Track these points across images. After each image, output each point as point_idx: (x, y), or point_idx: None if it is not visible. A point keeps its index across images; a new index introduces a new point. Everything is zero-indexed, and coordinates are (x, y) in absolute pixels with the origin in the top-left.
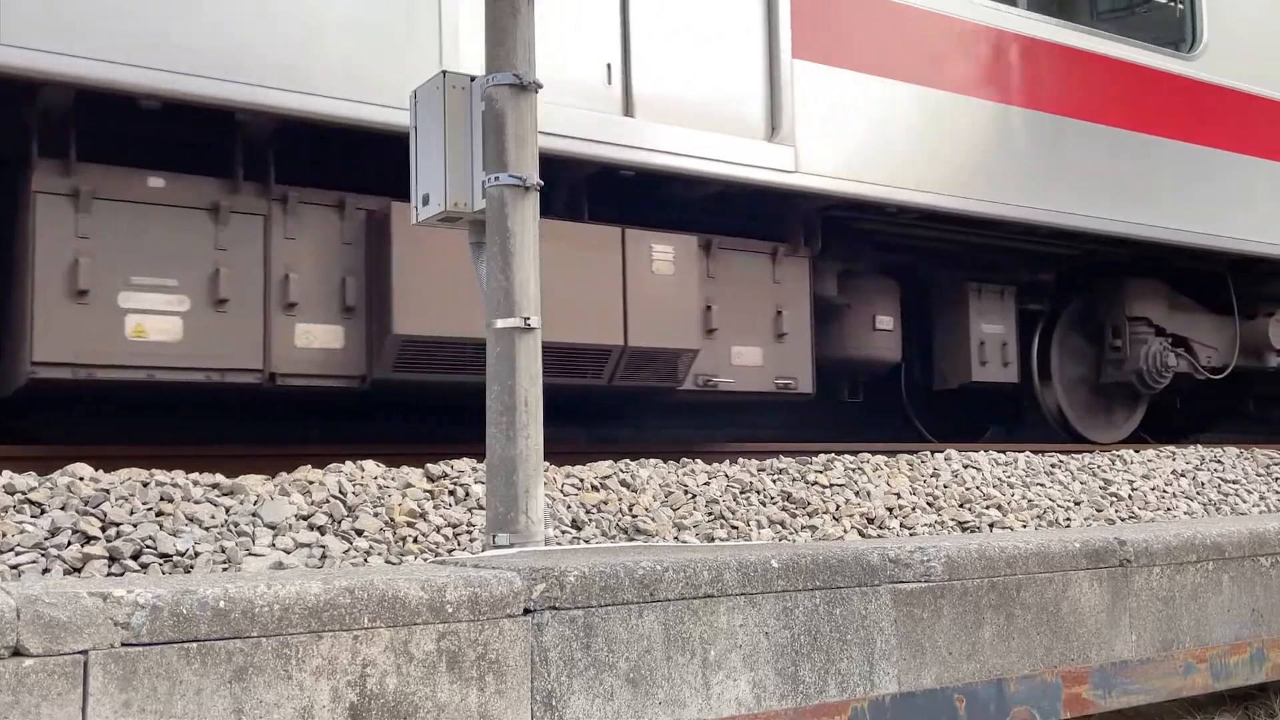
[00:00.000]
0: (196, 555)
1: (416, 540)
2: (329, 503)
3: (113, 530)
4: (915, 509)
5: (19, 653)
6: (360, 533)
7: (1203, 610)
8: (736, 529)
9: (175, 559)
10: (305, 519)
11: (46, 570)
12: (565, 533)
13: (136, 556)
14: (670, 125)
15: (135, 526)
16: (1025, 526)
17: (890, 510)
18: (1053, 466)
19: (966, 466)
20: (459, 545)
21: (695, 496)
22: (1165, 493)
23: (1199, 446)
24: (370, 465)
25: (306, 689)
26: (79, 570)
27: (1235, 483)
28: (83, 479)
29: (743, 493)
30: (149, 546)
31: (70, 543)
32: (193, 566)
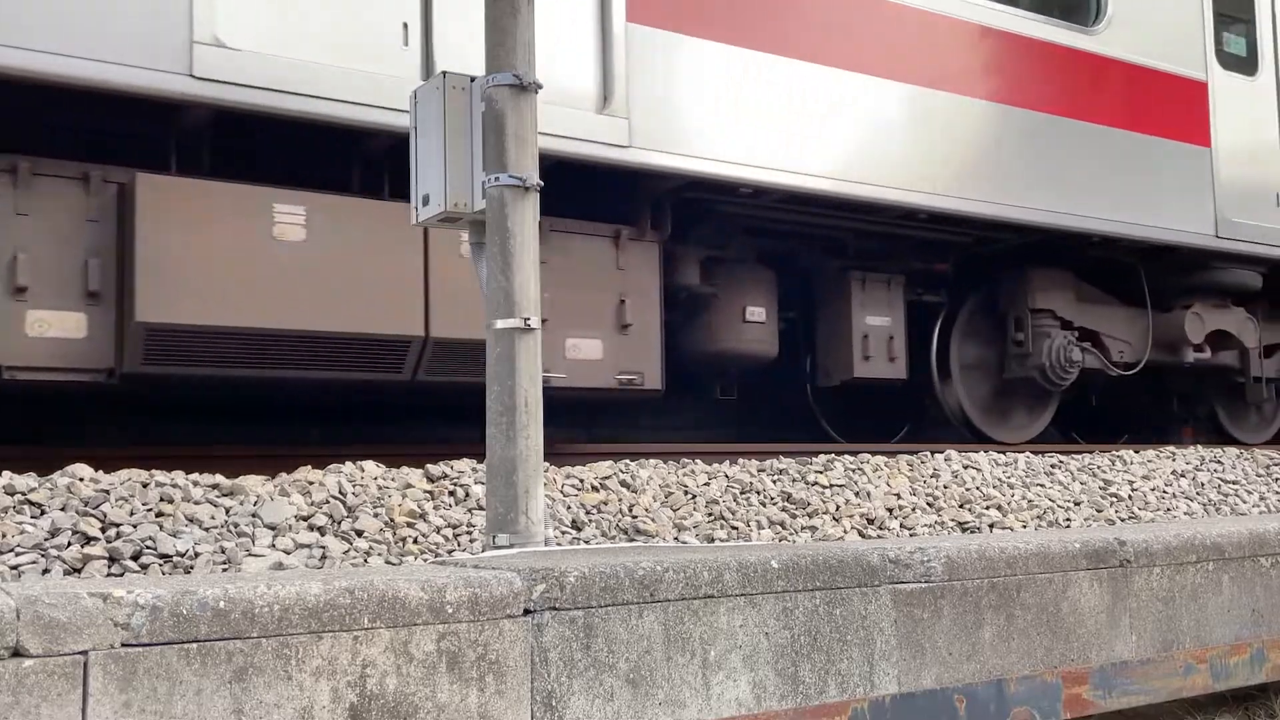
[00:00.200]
0: (196, 556)
1: (416, 541)
2: (329, 503)
3: (113, 531)
4: (915, 509)
5: (19, 653)
6: (360, 533)
7: (1203, 611)
8: (736, 529)
9: (175, 559)
10: (305, 519)
11: (46, 571)
12: (565, 533)
13: (136, 557)
14: None
15: (135, 527)
16: (1025, 527)
17: (890, 511)
18: (1053, 467)
19: (966, 467)
20: (459, 546)
21: (695, 497)
22: (1165, 493)
23: (1199, 447)
24: (370, 466)
25: (306, 689)
26: (79, 571)
27: (1235, 483)
28: (83, 479)
29: (743, 493)
30: (149, 547)
31: (70, 543)
32: (193, 567)
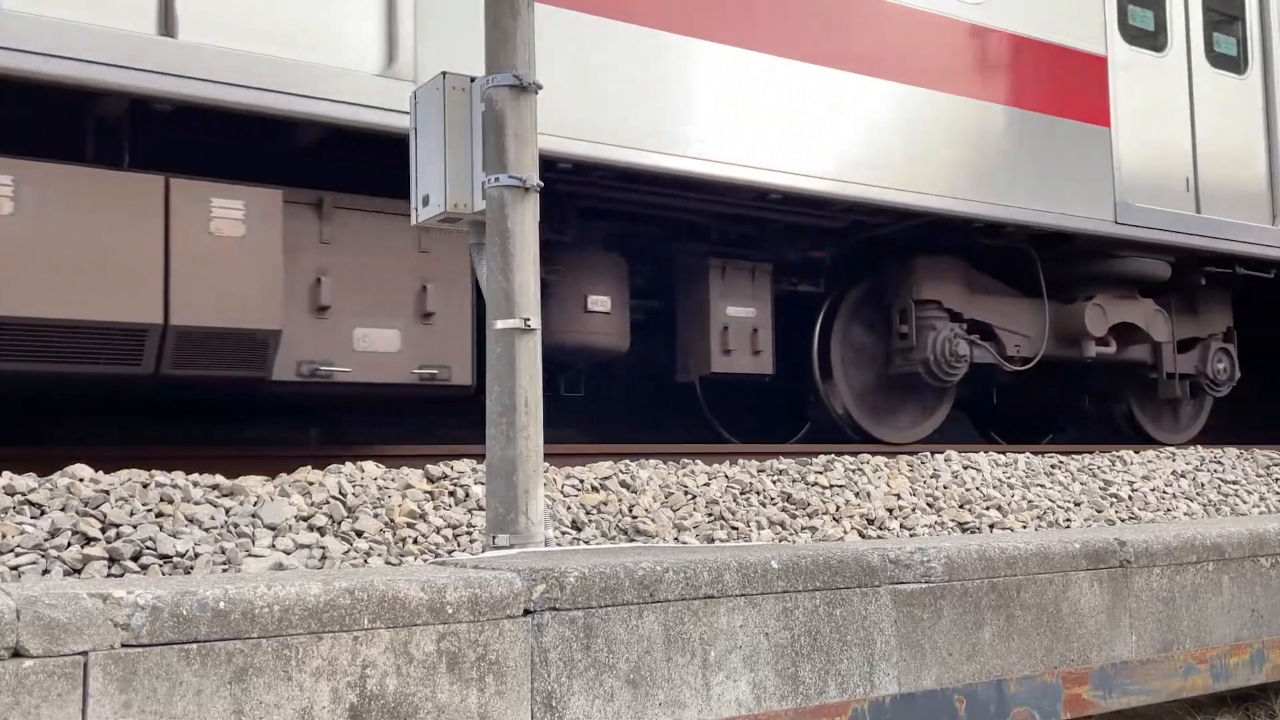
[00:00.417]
0: (196, 556)
1: (416, 541)
2: (329, 504)
3: (113, 531)
4: (915, 510)
5: (19, 654)
6: (360, 534)
7: (1203, 611)
8: (736, 530)
9: (175, 560)
10: (305, 520)
11: (46, 571)
12: (565, 533)
13: (136, 557)
14: (232, 46)
15: (135, 527)
16: (1025, 527)
17: (890, 511)
18: (1053, 467)
19: (966, 467)
20: (459, 546)
21: (695, 497)
22: (1165, 493)
23: (1198, 447)
24: (370, 466)
25: (306, 690)
26: (79, 571)
27: (1235, 483)
28: (83, 480)
29: (743, 493)
30: (149, 547)
31: (70, 544)
32: (193, 567)
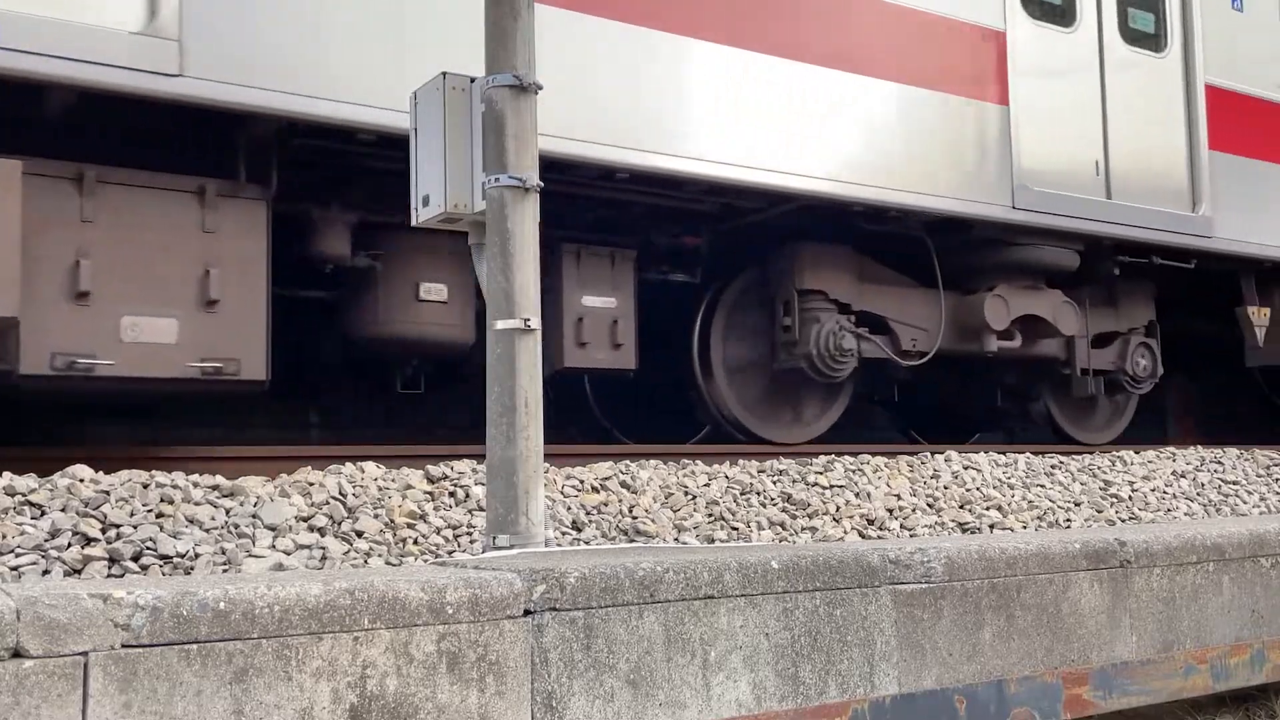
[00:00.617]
0: (197, 557)
1: (417, 542)
2: (329, 504)
3: (113, 532)
4: (915, 510)
5: (19, 654)
6: (360, 534)
7: (1203, 611)
8: (737, 530)
9: (175, 560)
10: (305, 520)
11: (47, 572)
12: (565, 534)
13: (137, 558)
14: None
15: (135, 528)
16: (1025, 527)
17: (890, 511)
18: (1053, 468)
19: (967, 468)
20: (459, 547)
21: (695, 498)
22: (1165, 494)
23: (1199, 447)
24: (370, 467)
25: (307, 690)
26: (79, 572)
27: (1235, 484)
28: (83, 480)
29: (743, 494)
30: (149, 548)
31: (70, 544)
32: (193, 568)
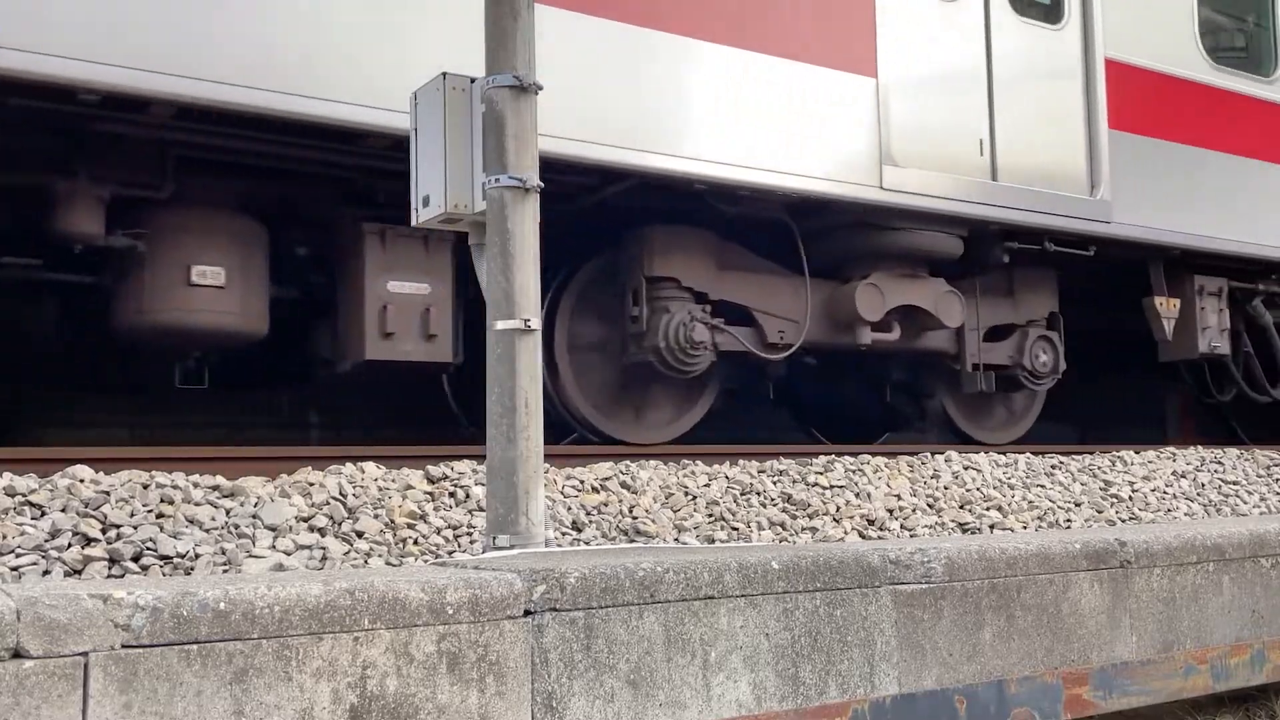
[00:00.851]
0: (197, 557)
1: (417, 542)
2: (329, 504)
3: (113, 532)
4: (916, 510)
5: (19, 654)
6: (361, 534)
7: (1203, 611)
8: (737, 530)
9: (176, 561)
10: (306, 521)
11: (47, 572)
12: (565, 534)
13: (137, 558)
14: None
15: (135, 528)
16: (1026, 528)
17: (891, 512)
18: (1053, 468)
19: (967, 468)
20: (459, 547)
21: (695, 498)
22: (1166, 494)
23: (1199, 448)
24: (370, 467)
25: (307, 690)
26: (79, 572)
27: (1236, 484)
28: (83, 481)
29: (743, 494)
30: (149, 548)
31: (71, 545)
32: (193, 568)
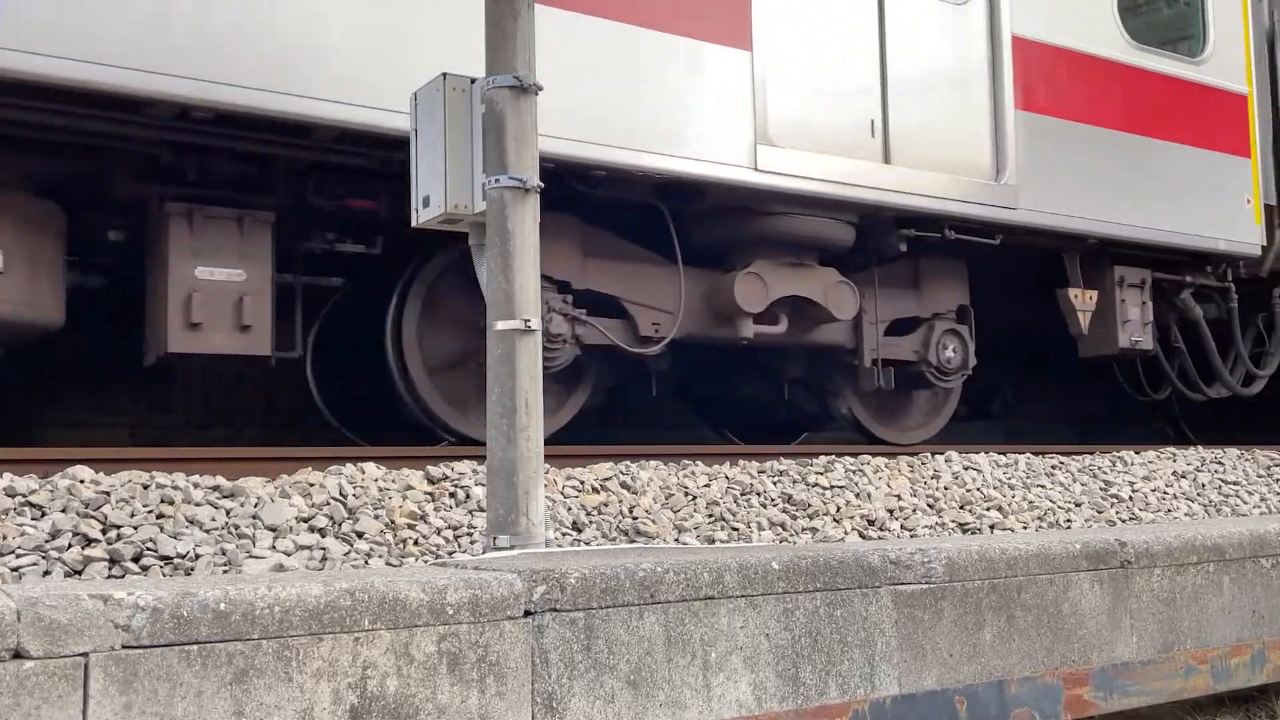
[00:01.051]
0: (197, 557)
1: (417, 542)
2: (329, 505)
3: (113, 533)
4: (916, 511)
5: (19, 655)
6: (361, 535)
7: (1203, 612)
8: (737, 531)
9: (176, 561)
10: (306, 521)
11: (47, 573)
12: (566, 535)
13: (137, 559)
14: None
15: (136, 529)
16: (1026, 528)
17: (891, 512)
18: (1053, 468)
19: (967, 468)
20: (459, 547)
21: (696, 498)
22: (1166, 494)
23: (1199, 448)
24: (371, 467)
25: (307, 691)
26: (79, 573)
27: (1236, 484)
28: (83, 481)
29: (743, 494)
30: (150, 549)
31: (71, 545)
32: (193, 569)
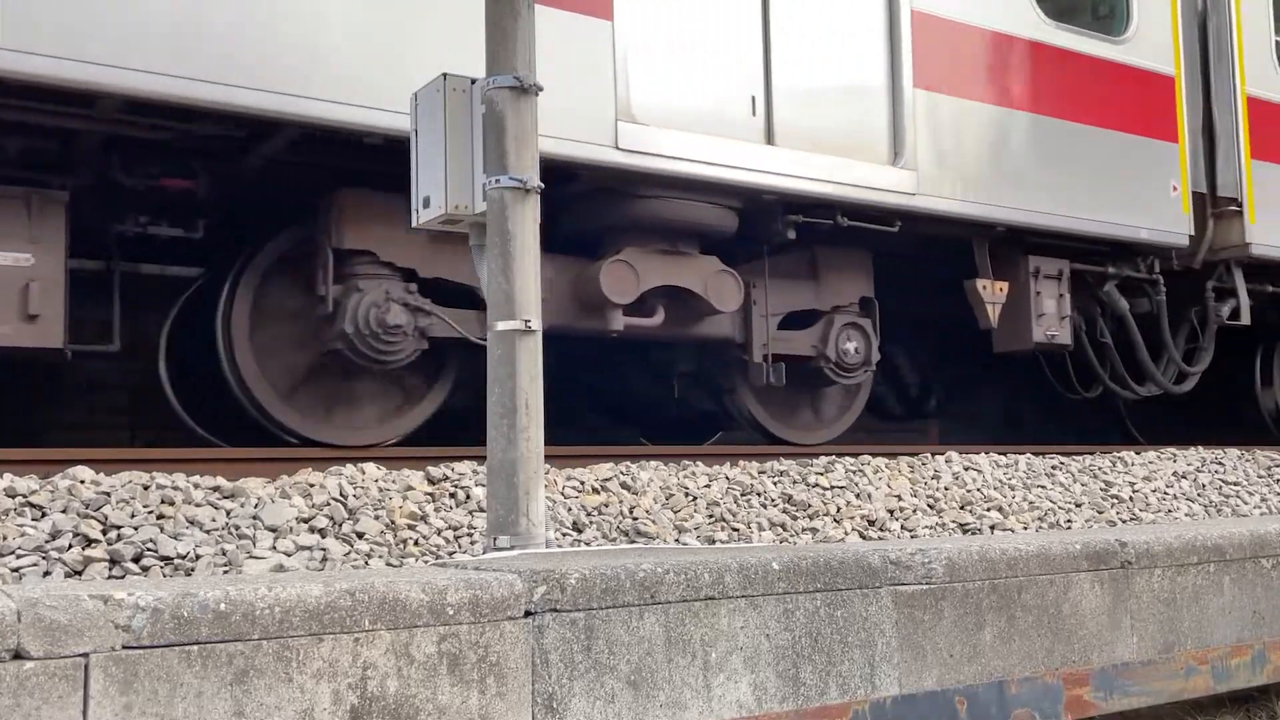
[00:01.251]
0: (197, 558)
1: (417, 543)
2: (330, 505)
3: (114, 533)
4: (916, 511)
5: (20, 655)
6: (361, 535)
7: (1204, 612)
8: (737, 531)
9: (176, 562)
10: (306, 522)
11: (47, 573)
12: (566, 535)
13: (137, 559)
14: None
15: (136, 529)
16: (1026, 528)
17: (891, 512)
18: (1054, 468)
19: (967, 469)
20: (460, 548)
21: (696, 499)
22: (1166, 494)
23: (1200, 448)
24: (371, 468)
25: (307, 691)
26: (80, 573)
27: (1236, 484)
28: (84, 482)
29: (743, 495)
30: (150, 549)
31: (71, 545)
32: (194, 569)
